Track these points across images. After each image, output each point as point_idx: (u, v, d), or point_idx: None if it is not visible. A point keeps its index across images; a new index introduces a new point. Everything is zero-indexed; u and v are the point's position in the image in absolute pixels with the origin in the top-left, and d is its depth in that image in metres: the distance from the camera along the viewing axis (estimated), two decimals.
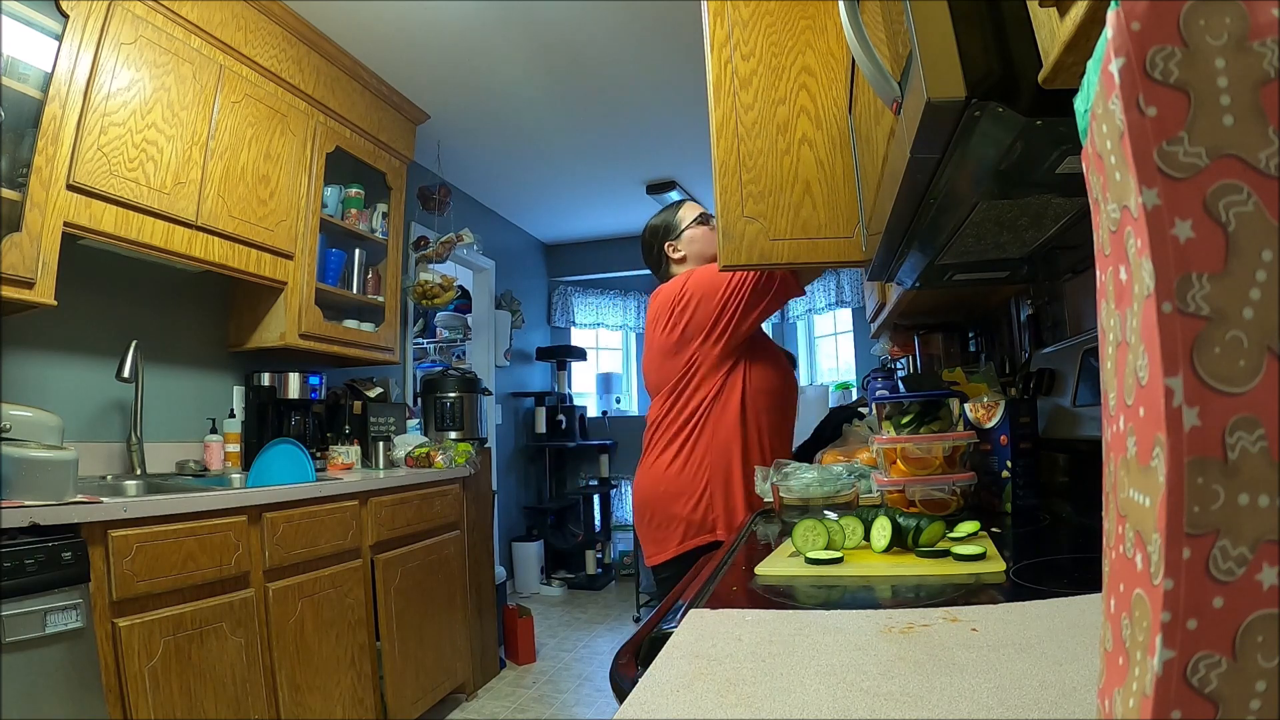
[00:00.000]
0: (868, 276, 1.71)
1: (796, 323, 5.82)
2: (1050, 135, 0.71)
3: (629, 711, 0.43)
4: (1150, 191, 0.24)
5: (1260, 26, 0.23)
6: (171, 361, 2.34)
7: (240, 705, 1.69)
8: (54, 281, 1.70)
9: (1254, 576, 0.22)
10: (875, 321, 2.89)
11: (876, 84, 0.82)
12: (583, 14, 2.51)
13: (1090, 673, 0.44)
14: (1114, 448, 0.28)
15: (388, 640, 2.27)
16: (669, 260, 1.76)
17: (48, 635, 1.30)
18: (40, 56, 1.71)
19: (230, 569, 1.71)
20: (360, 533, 2.21)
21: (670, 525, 1.54)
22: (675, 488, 1.55)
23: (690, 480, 1.54)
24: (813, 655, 0.51)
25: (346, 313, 2.84)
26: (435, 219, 3.64)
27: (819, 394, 3.57)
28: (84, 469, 1.84)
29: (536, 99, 3.11)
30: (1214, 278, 0.23)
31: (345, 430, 2.79)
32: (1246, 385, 0.23)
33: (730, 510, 1.51)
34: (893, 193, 0.88)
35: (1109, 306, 0.28)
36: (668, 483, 1.56)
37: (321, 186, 2.59)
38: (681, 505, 1.53)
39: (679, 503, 1.54)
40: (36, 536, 1.33)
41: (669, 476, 1.56)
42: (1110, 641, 0.28)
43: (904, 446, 1.11)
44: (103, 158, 1.81)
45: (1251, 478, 0.22)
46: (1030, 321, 1.77)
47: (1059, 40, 0.54)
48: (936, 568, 0.76)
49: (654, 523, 1.57)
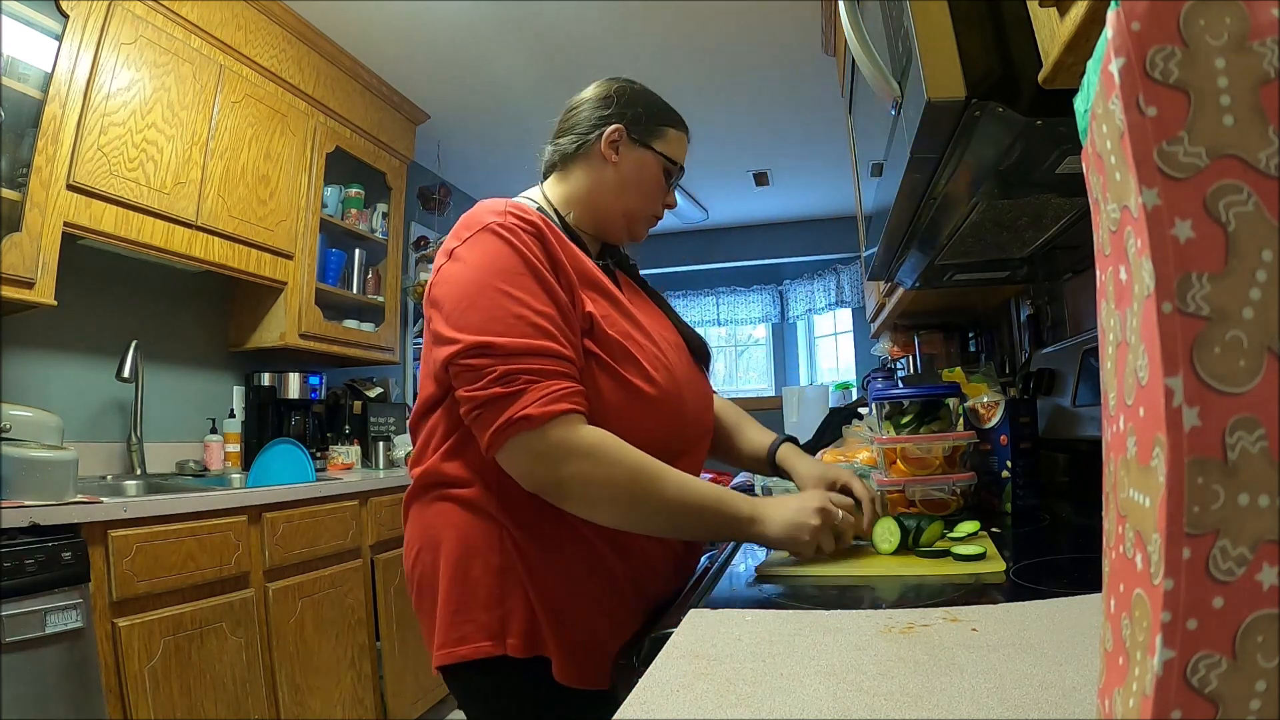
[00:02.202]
0: (868, 276, 1.71)
1: (797, 323, 5.83)
2: (1050, 135, 0.71)
3: (629, 711, 0.43)
4: (1150, 191, 0.24)
5: (1260, 26, 0.23)
6: (171, 361, 2.34)
7: (240, 705, 1.69)
8: (54, 281, 1.70)
9: (1254, 576, 0.22)
10: (875, 321, 2.89)
11: (876, 84, 0.82)
12: (583, 13, 2.51)
13: (1090, 673, 0.44)
14: (1114, 448, 0.28)
15: (388, 640, 2.27)
16: (588, 153, 0.98)
17: (48, 635, 1.30)
18: (40, 56, 1.71)
19: (230, 569, 1.71)
20: (360, 533, 2.21)
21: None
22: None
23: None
24: (813, 655, 0.51)
25: (346, 313, 2.84)
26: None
27: (819, 394, 3.57)
28: (84, 469, 1.84)
29: (537, 98, 3.11)
30: (1214, 278, 0.23)
31: (345, 430, 2.79)
32: (1246, 385, 0.23)
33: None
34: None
35: (1109, 306, 0.28)
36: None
37: (321, 186, 2.59)
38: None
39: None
40: (36, 536, 1.33)
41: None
42: (1110, 641, 0.28)
43: (904, 446, 1.11)
44: (103, 158, 1.81)
45: (1251, 478, 0.22)
46: (1030, 321, 1.78)
47: (1059, 40, 0.54)
48: (936, 568, 0.76)
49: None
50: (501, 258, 0.81)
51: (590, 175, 0.97)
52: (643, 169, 0.97)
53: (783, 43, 2.72)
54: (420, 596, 0.88)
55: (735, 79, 2.98)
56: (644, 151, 0.97)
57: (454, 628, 0.81)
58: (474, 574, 0.82)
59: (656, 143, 0.98)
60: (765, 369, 5.95)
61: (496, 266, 0.81)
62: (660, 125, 0.98)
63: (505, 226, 0.83)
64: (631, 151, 0.97)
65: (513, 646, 0.80)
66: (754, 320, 5.87)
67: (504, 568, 0.81)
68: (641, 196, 0.98)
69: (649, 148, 0.97)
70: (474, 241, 0.83)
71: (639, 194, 0.98)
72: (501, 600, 0.81)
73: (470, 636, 0.80)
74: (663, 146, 0.98)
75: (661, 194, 1.00)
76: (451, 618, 0.82)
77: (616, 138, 0.96)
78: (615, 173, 0.96)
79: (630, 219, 0.99)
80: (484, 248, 0.82)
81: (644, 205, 0.99)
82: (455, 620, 0.81)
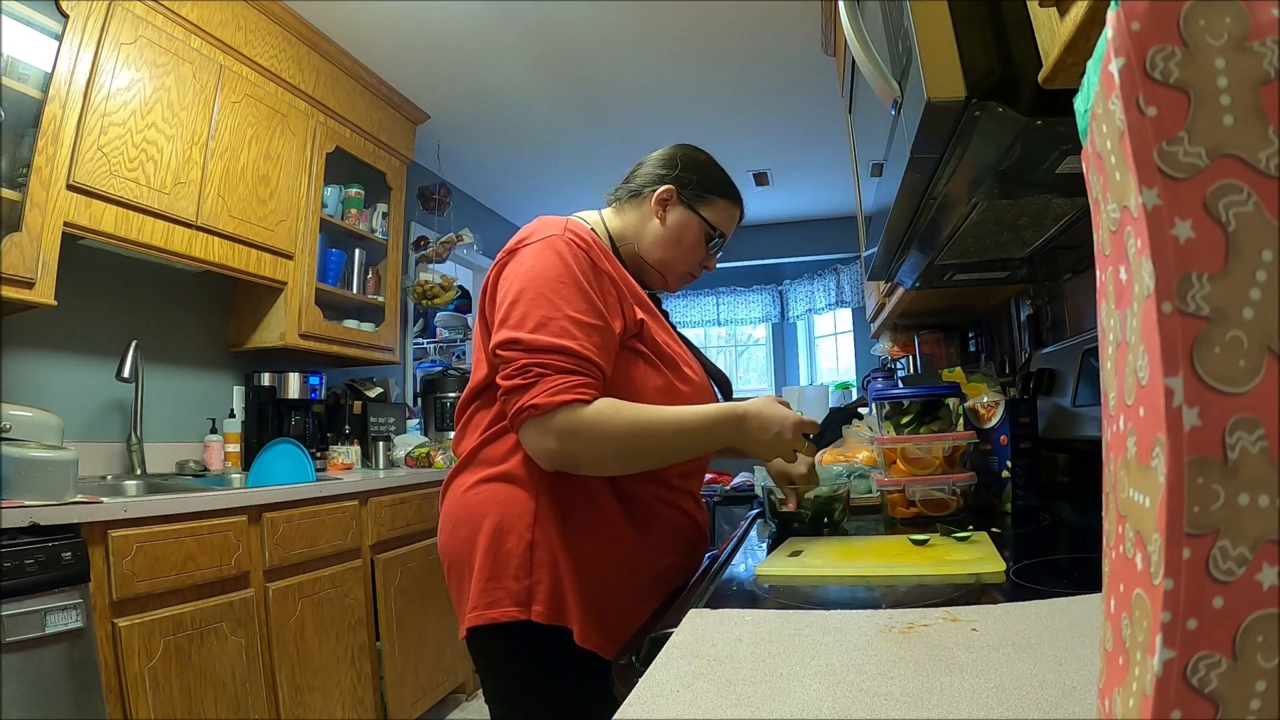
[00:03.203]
0: (868, 276, 1.71)
1: (797, 323, 5.83)
2: (1050, 135, 0.71)
3: (629, 711, 0.43)
4: (1150, 191, 0.24)
5: (1260, 26, 0.23)
6: (171, 361, 2.34)
7: (240, 705, 1.69)
8: (54, 281, 1.70)
9: (1254, 576, 0.22)
10: (875, 321, 2.89)
11: (876, 84, 0.82)
12: (583, 14, 2.51)
13: (1090, 673, 0.44)
14: (1114, 448, 0.28)
15: (388, 640, 2.27)
16: (642, 203, 1.08)
17: (48, 635, 1.30)
18: (40, 56, 1.71)
19: (230, 569, 1.71)
20: (360, 533, 2.21)
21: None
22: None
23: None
24: (813, 655, 0.51)
25: (346, 313, 2.84)
26: (435, 219, 3.64)
27: (819, 394, 3.57)
28: (84, 469, 1.84)
29: (537, 99, 3.11)
30: (1214, 278, 0.23)
31: (345, 430, 2.79)
32: (1246, 385, 0.23)
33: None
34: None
35: (1109, 306, 0.28)
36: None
37: (321, 186, 2.59)
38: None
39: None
40: (36, 536, 1.33)
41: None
42: (1110, 641, 0.28)
43: (904, 446, 1.11)
44: (103, 158, 1.81)
45: (1251, 478, 0.22)
46: (1030, 321, 1.78)
47: (1059, 40, 0.54)
48: (936, 568, 0.76)
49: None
50: (549, 268, 0.92)
51: (639, 222, 1.09)
52: (684, 229, 1.07)
53: (783, 43, 2.72)
54: (455, 566, 0.98)
55: (735, 79, 2.98)
56: (690, 214, 1.07)
57: (487, 593, 0.91)
58: (508, 546, 0.91)
59: (703, 208, 1.08)
60: (765, 369, 5.95)
61: (544, 275, 0.91)
62: (711, 194, 1.08)
63: (561, 240, 0.94)
64: (678, 211, 1.07)
65: (538, 614, 0.88)
66: (754, 320, 5.87)
67: (535, 542, 0.91)
68: (680, 253, 1.08)
69: (695, 211, 1.07)
70: (533, 249, 0.94)
71: (677, 250, 1.08)
72: (531, 571, 0.90)
73: (500, 602, 0.90)
74: (709, 213, 1.08)
75: (699, 255, 1.10)
76: (485, 584, 0.91)
77: (667, 197, 1.07)
78: (660, 227, 1.07)
79: (665, 270, 1.09)
80: (537, 256, 0.93)
81: (680, 261, 1.09)
82: (489, 587, 0.91)
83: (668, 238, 1.06)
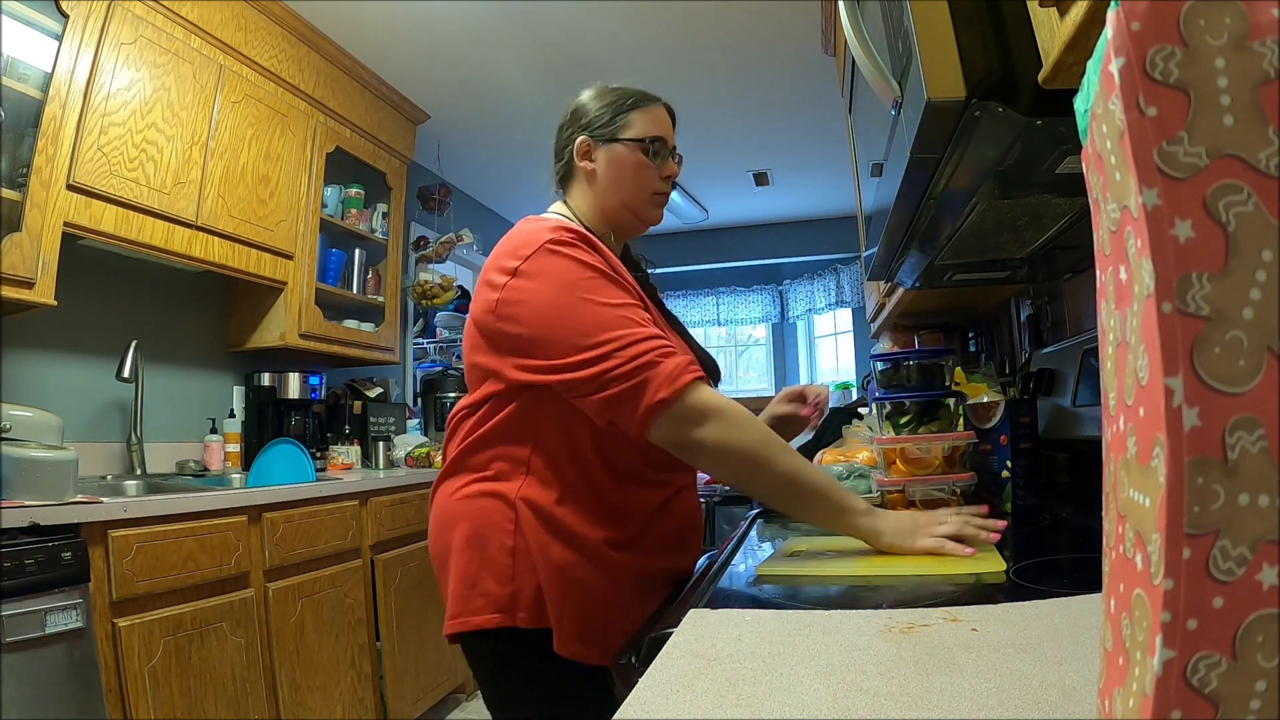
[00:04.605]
0: (868, 276, 1.71)
1: (797, 323, 5.83)
2: (1050, 135, 0.71)
3: (629, 711, 0.43)
4: (1150, 191, 0.24)
5: (1260, 26, 0.23)
6: (171, 361, 2.34)
7: (240, 705, 1.69)
8: (54, 281, 1.70)
9: (1254, 576, 0.22)
10: (875, 321, 2.89)
11: (876, 84, 0.82)
12: (583, 13, 2.51)
13: (1090, 673, 0.44)
14: (1114, 448, 0.28)
15: (388, 640, 2.27)
16: (573, 171, 1.07)
17: (48, 635, 1.30)
18: (40, 56, 1.71)
19: (230, 569, 1.71)
20: (360, 533, 2.20)
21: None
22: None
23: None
24: (813, 655, 0.51)
25: (346, 313, 2.84)
26: (435, 219, 3.63)
27: None
28: (84, 469, 1.84)
29: (537, 98, 3.11)
30: (1214, 278, 0.23)
31: (345, 430, 2.79)
32: (1246, 385, 0.23)
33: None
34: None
35: (1109, 306, 0.28)
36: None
37: (321, 186, 2.59)
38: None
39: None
40: (36, 536, 1.33)
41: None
42: (1110, 641, 0.28)
43: (904, 446, 1.11)
44: (103, 158, 1.81)
45: (1251, 478, 0.22)
46: (1030, 321, 1.77)
47: (1059, 40, 0.54)
48: (937, 568, 0.76)
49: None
50: (571, 270, 0.88)
51: (583, 189, 1.06)
52: (618, 163, 1.03)
53: (783, 43, 2.72)
54: (442, 570, 0.96)
55: (735, 79, 2.98)
56: (612, 147, 1.03)
57: (468, 599, 0.89)
58: (490, 552, 0.90)
59: (621, 133, 1.03)
60: (765, 369, 5.95)
61: (572, 280, 0.87)
62: (618, 116, 1.04)
63: (563, 242, 0.90)
64: (601, 152, 1.04)
65: (522, 620, 0.87)
66: (754, 320, 5.87)
67: (516, 549, 0.89)
68: (631, 185, 1.04)
69: (615, 141, 1.03)
70: (538, 261, 0.89)
71: (626, 185, 1.04)
72: (513, 577, 0.88)
73: (483, 609, 0.88)
74: (629, 133, 1.03)
75: (651, 171, 1.04)
76: (467, 590, 0.90)
77: (586, 148, 1.04)
78: (599, 177, 1.04)
79: (631, 208, 1.05)
80: (550, 266, 0.89)
81: (637, 190, 1.04)
82: (470, 593, 0.89)
83: (609, 181, 1.03)
